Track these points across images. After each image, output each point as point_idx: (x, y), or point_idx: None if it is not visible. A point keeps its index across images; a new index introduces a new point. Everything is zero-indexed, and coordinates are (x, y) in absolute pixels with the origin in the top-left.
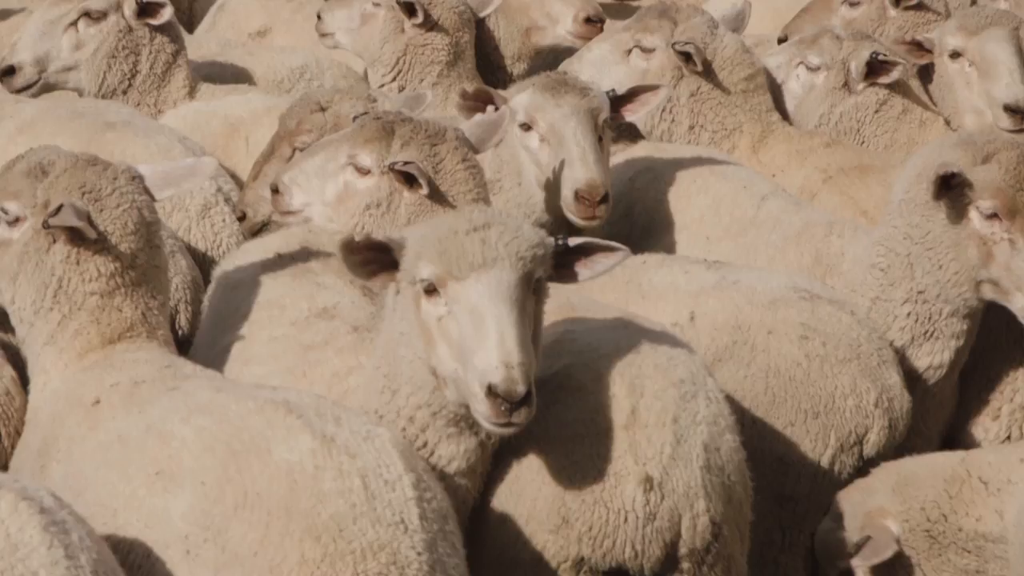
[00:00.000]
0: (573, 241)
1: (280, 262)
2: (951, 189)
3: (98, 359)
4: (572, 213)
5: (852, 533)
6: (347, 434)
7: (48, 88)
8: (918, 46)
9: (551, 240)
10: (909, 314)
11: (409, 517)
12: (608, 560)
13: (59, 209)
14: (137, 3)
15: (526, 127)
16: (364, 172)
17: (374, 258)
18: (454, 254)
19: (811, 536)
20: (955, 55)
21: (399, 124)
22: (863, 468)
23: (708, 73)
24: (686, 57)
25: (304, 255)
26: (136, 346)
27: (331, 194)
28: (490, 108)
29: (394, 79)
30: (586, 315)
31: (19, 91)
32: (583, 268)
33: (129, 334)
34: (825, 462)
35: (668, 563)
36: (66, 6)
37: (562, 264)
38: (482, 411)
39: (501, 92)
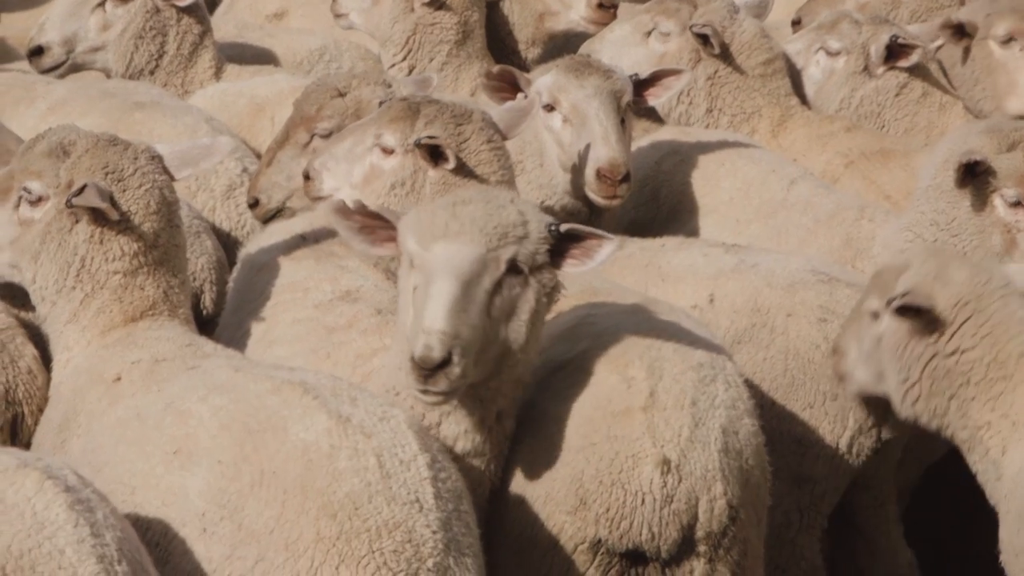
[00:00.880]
0: (564, 227)
1: (304, 245)
2: (975, 176)
3: (120, 336)
4: (593, 192)
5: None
6: (363, 414)
7: (76, 68)
8: (958, 28)
9: (540, 225)
10: None
11: (424, 496)
12: (625, 542)
13: (82, 189)
14: None
15: (549, 108)
16: (389, 152)
17: (382, 229)
18: (426, 225)
19: (828, 518)
20: (1008, 40)
21: (425, 104)
22: (880, 449)
23: (726, 57)
24: (704, 40)
25: (328, 238)
26: (158, 324)
27: (358, 176)
28: (520, 96)
29: (404, 59)
30: (608, 299)
31: (47, 71)
32: (578, 258)
33: (151, 312)
34: (843, 444)
35: (685, 546)
36: None
37: (559, 252)
38: (405, 380)
39: (525, 74)
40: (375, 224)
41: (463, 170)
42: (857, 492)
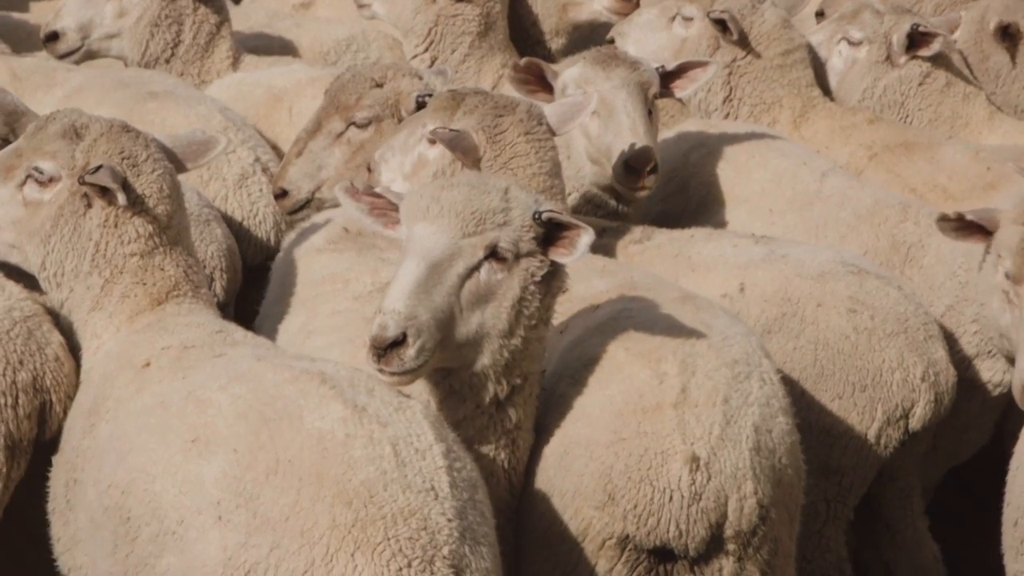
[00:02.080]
0: (546, 214)
1: (346, 236)
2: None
3: (151, 321)
4: (621, 183)
5: None
6: (378, 404)
7: (91, 55)
8: (1004, 30)
9: (524, 212)
10: (976, 332)
11: (439, 484)
12: (652, 539)
13: (98, 169)
14: None
15: None
16: (432, 141)
17: (392, 211)
18: (413, 206)
19: (853, 510)
20: None
21: (470, 95)
22: (907, 441)
23: (744, 45)
24: (722, 26)
25: (369, 230)
26: (186, 308)
27: (408, 166)
28: (555, 95)
29: (426, 50)
30: (647, 294)
31: (62, 57)
32: (565, 247)
33: (175, 293)
34: (871, 435)
35: (713, 544)
36: None
37: (551, 240)
38: (366, 358)
39: (552, 66)
40: (385, 206)
41: (496, 162)
42: (883, 484)
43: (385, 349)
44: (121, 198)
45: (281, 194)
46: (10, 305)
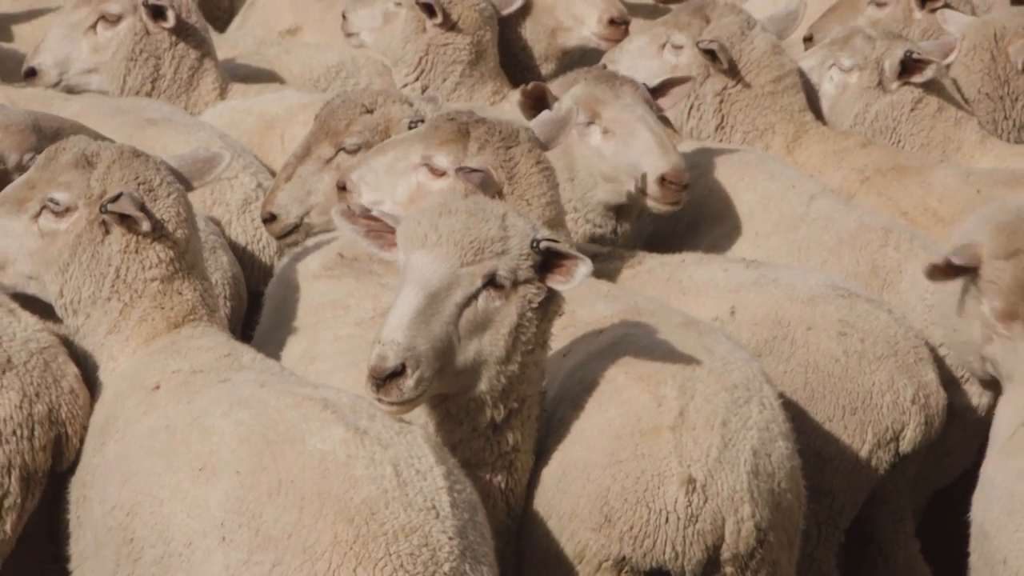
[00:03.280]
0: (544, 243)
1: (342, 263)
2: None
3: (165, 344)
4: (656, 200)
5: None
6: (380, 428)
7: (71, 90)
8: None
9: (523, 241)
10: (946, 356)
11: (440, 504)
12: (648, 560)
13: (118, 197)
14: (146, 6)
15: (586, 122)
16: (439, 174)
17: (389, 233)
18: (410, 233)
19: (846, 532)
20: None
21: (474, 126)
22: (898, 464)
23: (734, 73)
24: (711, 56)
25: (366, 256)
26: (200, 331)
27: (403, 193)
28: (553, 106)
29: (417, 79)
30: (650, 319)
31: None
32: (562, 275)
33: (191, 316)
34: (862, 458)
35: (710, 566)
36: (86, 9)
37: (548, 267)
38: (365, 388)
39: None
40: (381, 228)
41: (513, 195)
42: (875, 507)
43: (384, 379)
44: (146, 225)
45: (270, 219)
46: (27, 336)
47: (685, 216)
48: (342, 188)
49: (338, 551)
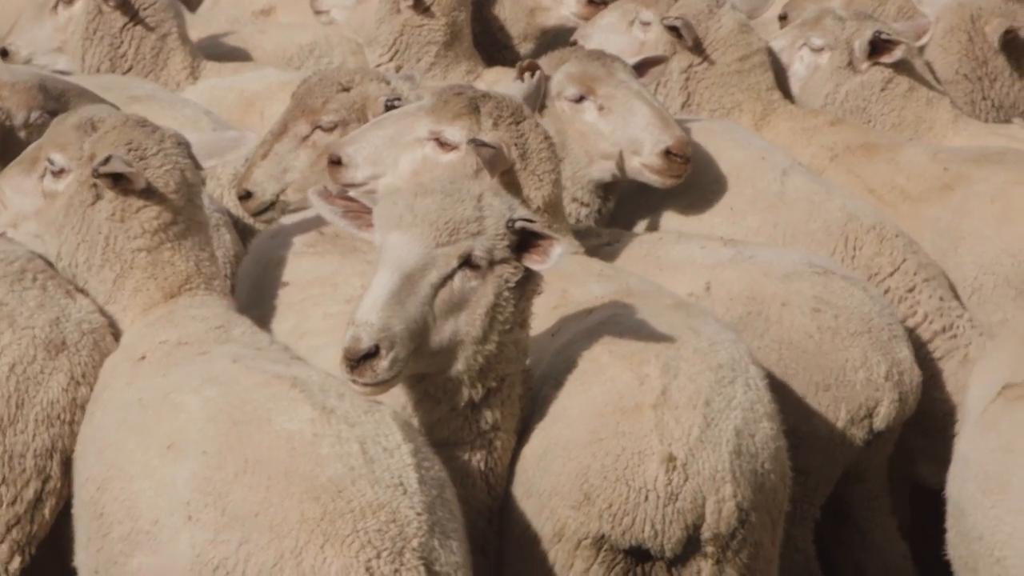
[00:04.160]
0: (519, 223)
1: (324, 240)
2: None
3: (162, 314)
4: (660, 174)
5: None
6: (347, 407)
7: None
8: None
9: (498, 221)
10: None
11: (408, 480)
12: (628, 538)
13: (107, 160)
14: None
15: (578, 99)
16: (450, 147)
17: (366, 214)
18: (387, 213)
19: (820, 509)
20: None
21: (482, 100)
22: (872, 441)
23: (700, 51)
24: (676, 32)
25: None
26: (199, 300)
27: (406, 167)
28: (551, 94)
29: (391, 59)
30: (640, 300)
31: None
32: (539, 255)
33: (187, 286)
34: (836, 435)
35: (690, 545)
36: None
37: (524, 246)
38: (340, 369)
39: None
40: (358, 209)
41: (523, 172)
42: (851, 485)
43: (358, 360)
44: (139, 180)
45: (246, 196)
46: (80, 318)
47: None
48: (336, 162)
49: (305, 528)
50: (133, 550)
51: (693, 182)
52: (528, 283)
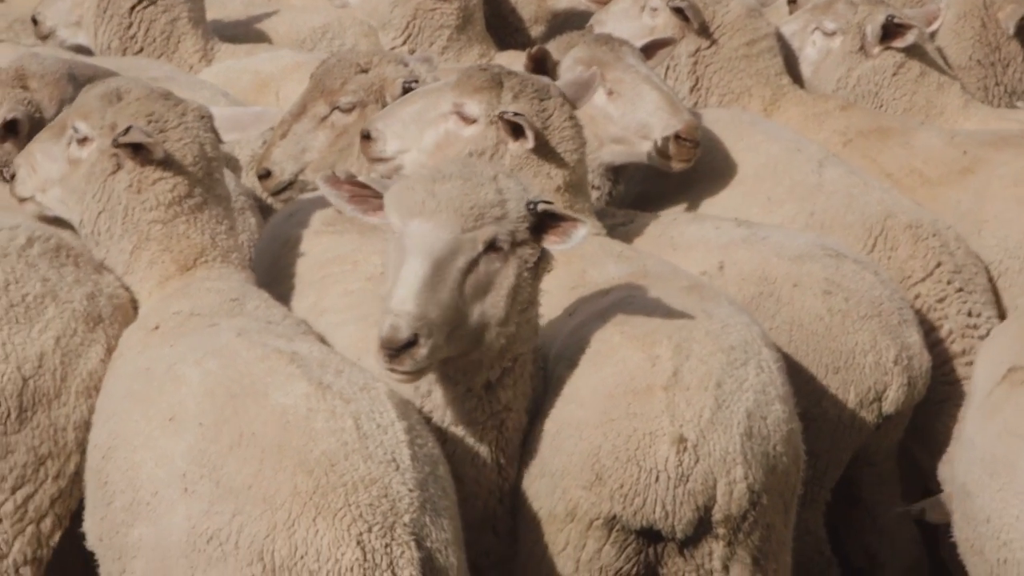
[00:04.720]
0: (542, 206)
1: (342, 218)
2: None
3: (179, 286)
4: (670, 158)
5: None
6: (344, 383)
7: (63, 42)
8: None
9: (519, 204)
10: None
11: (401, 457)
12: (639, 519)
13: (128, 130)
14: None
15: None
16: (470, 121)
17: (373, 198)
18: (405, 200)
19: (831, 491)
20: None
21: (506, 76)
22: (882, 425)
23: (707, 35)
24: (682, 15)
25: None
26: (216, 273)
27: (430, 141)
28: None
29: (404, 43)
30: (656, 282)
31: (44, 39)
32: (558, 236)
33: (203, 259)
34: (845, 417)
35: (701, 527)
36: None
37: (541, 227)
38: (374, 357)
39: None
40: (365, 193)
41: (544, 148)
42: (861, 469)
43: (397, 350)
44: (158, 150)
45: (265, 175)
46: (111, 292)
47: (676, 176)
48: (366, 137)
49: (297, 501)
50: (135, 520)
51: (727, 172)
52: (541, 262)
